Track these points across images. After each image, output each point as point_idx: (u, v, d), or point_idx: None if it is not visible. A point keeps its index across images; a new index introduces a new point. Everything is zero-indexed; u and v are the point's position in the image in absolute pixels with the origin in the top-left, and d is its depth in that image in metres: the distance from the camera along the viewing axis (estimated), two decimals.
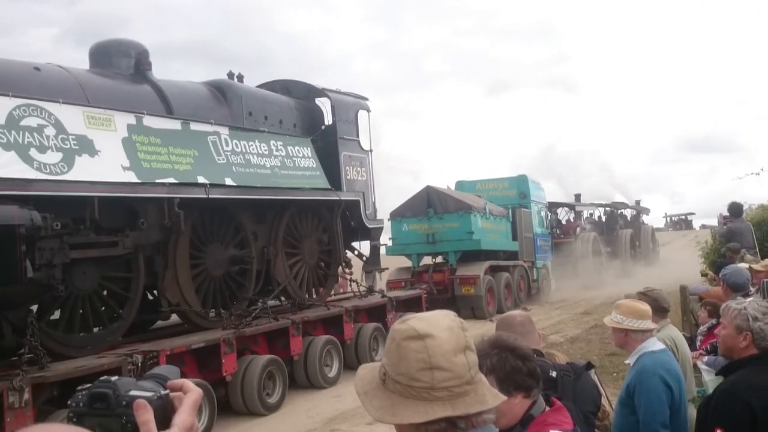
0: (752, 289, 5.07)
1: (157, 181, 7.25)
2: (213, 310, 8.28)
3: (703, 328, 6.04)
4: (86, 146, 6.70)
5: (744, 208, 11.18)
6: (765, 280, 5.14)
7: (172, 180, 7.42)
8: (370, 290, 10.95)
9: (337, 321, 9.51)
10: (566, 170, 30.74)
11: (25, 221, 5.75)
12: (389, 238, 14.93)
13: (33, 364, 5.99)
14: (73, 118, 6.73)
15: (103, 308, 7.25)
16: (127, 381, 1.00)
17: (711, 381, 4.34)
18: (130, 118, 7.31)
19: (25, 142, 6.21)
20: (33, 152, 6.23)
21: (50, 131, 6.45)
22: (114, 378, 0.99)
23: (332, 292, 11.47)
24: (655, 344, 3.43)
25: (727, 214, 10.08)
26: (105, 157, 6.83)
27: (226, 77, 9.71)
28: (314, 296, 10.09)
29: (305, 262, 9.84)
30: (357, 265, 11.30)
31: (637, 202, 30.44)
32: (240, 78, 9.89)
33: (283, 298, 9.77)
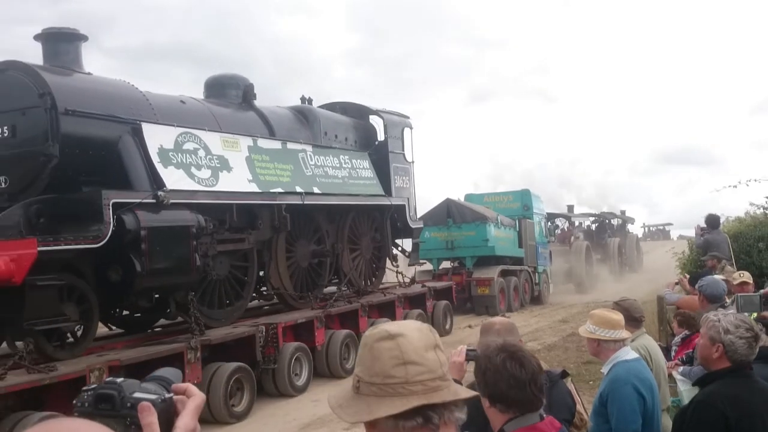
0: (728, 301, 5.17)
1: (270, 190, 9.41)
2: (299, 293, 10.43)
3: (677, 339, 6.27)
4: (224, 164, 8.86)
5: (721, 220, 11.55)
6: (738, 294, 5.14)
7: (279, 189, 9.61)
8: (413, 281, 13.22)
9: (389, 306, 11.78)
10: (550, 179, 33.43)
11: (195, 223, 7.91)
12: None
13: (192, 331, 8.11)
14: (214, 141, 8.88)
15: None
16: (131, 383, 1.06)
17: (686, 391, 4.50)
18: (249, 141, 9.49)
19: (187, 162, 8.35)
20: (193, 170, 8.38)
21: (201, 153, 8.61)
22: (119, 380, 1.06)
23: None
24: (628, 353, 3.55)
25: (704, 225, 10.43)
26: (236, 172, 9.00)
27: (300, 102, 11.89)
28: (369, 285, 12.29)
29: (363, 256, 12.09)
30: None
31: (623, 212, 33.24)
32: (310, 101, 12.12)
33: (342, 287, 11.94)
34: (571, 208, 27.49)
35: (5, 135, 7.37)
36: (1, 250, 6.40)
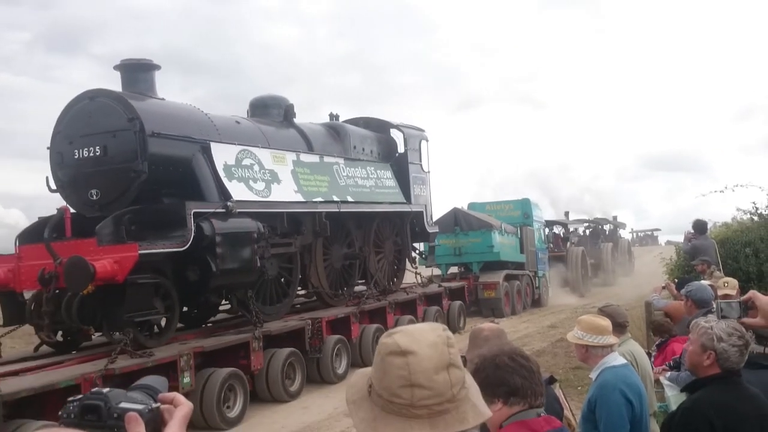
0: (714, 306, 4.91)
1: (312, 200, 10.78)
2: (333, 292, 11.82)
3: (653, 345, 6.40)
4: (275, 177, 10.23)
5: (708, 226, 11.70)
6: (720, 301, 5.53)
7: (319, 199, 10.99)
8: (430, 280, 14.68)
9: (411, 304, 13.22)
10: (543, 185, 35.17)
11: (255, 229, 9.26)
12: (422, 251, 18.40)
13: (254, 323, 9.44)
14: (265, 157, 10.25)
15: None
16: (117, 393, 1.08)
17: (673, 396, 4.60)
18: (293, 156, 10.87)
19: (246, 176, 9.72)
20: (251, 182, 9.74)
21: (256, 167, 9.97)
22: (105, 390, 1.08)
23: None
24: (616, 359, 3.66)
25: (692, 230, 10.58)
26: (284, 184, 10.38)
27: (328, 118, 13.28)
28: (391, 284, 13.71)
29: (386, 258, 13.51)
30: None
31: (614, 218, 35.02)
32: (337, 117, 13.55)
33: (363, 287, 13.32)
34: (567, 214, 29.10)
35: (97, 154, 8.70)
36: (106, 253, 7.76)
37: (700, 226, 10.55)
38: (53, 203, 9.21)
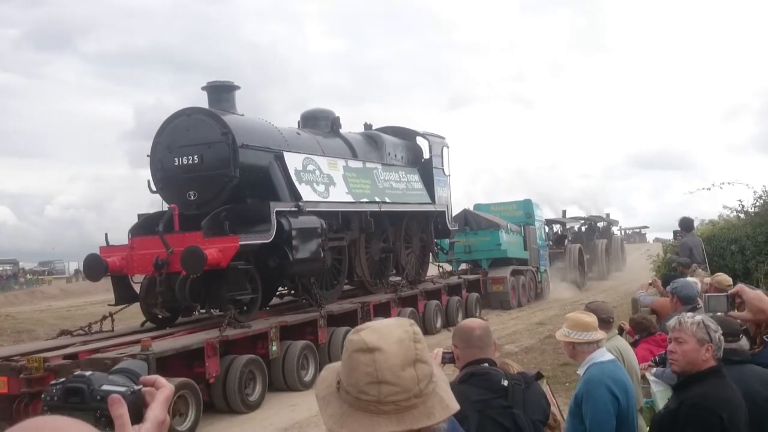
0: (700, 302, 5.17)
1: (360, 200, 12.98)
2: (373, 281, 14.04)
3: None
4: (331, 181, 12.44)
5: (695, 224, 12.28)
6: (706, 294, 4.91)
7: (365, 199, 13.19)
8: (451, 273, 16.97)
9: (437, 293, 15.51)
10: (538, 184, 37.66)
11: (319, 225, 11.45)
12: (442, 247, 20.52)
13: (311, 305, 11.64)
14: (323, 163, 12.47)
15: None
16: (100, 376, 1.15)
17: (659, 392, 4.70)
18: (343, 162, 13.10)
19: (310, 180, 11.92)
20: (314, 185, 11.95)
21: (317, 172, 12.18)
22: (88, 373, 1.14)
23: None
24: (603, 355, 3.81)
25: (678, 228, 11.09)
26: (338, 187, 12.60)
27: (363, 128, 15.49)
28: (418, 276, 15.98)
29: (414, 252, 15.76)
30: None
31: (607, 215, 37.68)
32: (370, 127, 15.77)
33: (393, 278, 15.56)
34: (564, 213, 31.59)
35: (195, 162, 10.82)
36: (211, 244, 9.91)
37: (686, 224, 11.23)
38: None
